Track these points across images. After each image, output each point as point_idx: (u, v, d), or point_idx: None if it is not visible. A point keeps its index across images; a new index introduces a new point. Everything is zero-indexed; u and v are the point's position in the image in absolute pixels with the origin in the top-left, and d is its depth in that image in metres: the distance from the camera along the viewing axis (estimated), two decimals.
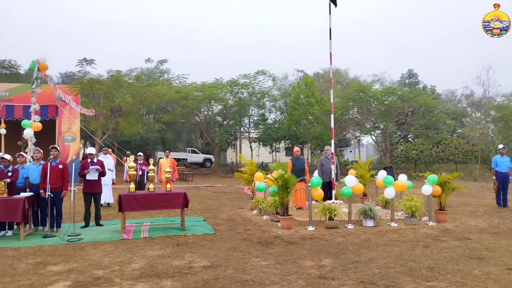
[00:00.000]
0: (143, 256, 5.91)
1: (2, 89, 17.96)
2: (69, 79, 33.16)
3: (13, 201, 6.96)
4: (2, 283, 4.68)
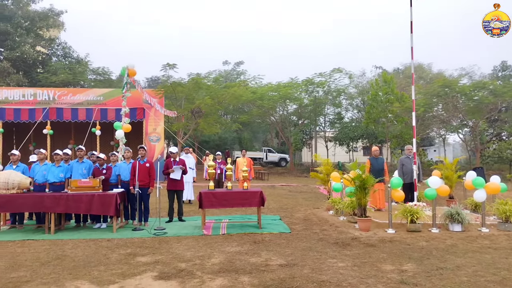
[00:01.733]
0: (222, 251, 6.13)
1: (97, 94, 19.75)
2: (154, 83, 35.43)
3: (107, 197, 7.64)
4: (98, 271, 5.16)
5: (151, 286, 4.61)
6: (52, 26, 30.44)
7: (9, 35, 26.58)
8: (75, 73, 28.09)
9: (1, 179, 7.62)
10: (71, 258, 5.79)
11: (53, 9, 30.42)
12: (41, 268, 5.29)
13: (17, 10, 27.88)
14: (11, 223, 8.27)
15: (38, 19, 28.87)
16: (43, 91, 19.54)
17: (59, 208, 7.56)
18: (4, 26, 25.89)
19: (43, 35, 30.11)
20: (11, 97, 18.98)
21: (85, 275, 5.00)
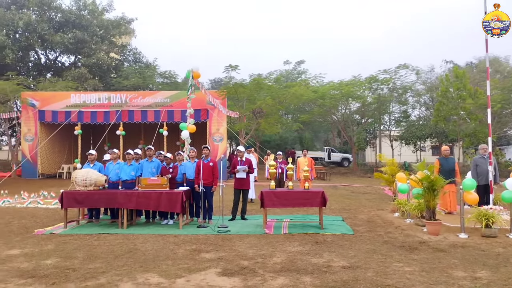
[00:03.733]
0: (284, 251, 6.15)
1: (164, 96, 20.72)
2: (217, 85, 36.37)
3: (174, 194, 7.99)
4: (166, 265, 5.43)
5: (215, 281, 4.75)
6: (124, 33, 32.42)
7: (86, 43, 28.73)
8: (144, 77, 29.68)
9: (80, 176, 8.28)
10: (142, 252, 6.14)
11: (124, 17, 32.40)
12: (115, 260, 5.67)
13: (92, 19, 30.06)
14: (89, 217, 8.95)
15: (111, 27, 30.90)
16: (116, 94, 20.89)
17: (130, 204, 8.05)
18: (81, 35, 28.04)
19: (116, 42, 32.17)
20: (88, 101, 20.51)
21: (154, 268, 5.28)
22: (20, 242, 6.86)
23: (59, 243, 6.77)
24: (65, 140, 22.54)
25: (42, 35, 27.10)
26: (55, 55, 31.54)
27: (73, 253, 6.11)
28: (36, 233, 7.61)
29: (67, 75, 26.72)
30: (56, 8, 29.05)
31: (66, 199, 8.18)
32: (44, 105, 20.48)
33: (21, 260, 5.72)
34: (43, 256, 5.94)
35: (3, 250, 6.28)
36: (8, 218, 9.34)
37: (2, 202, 11.82)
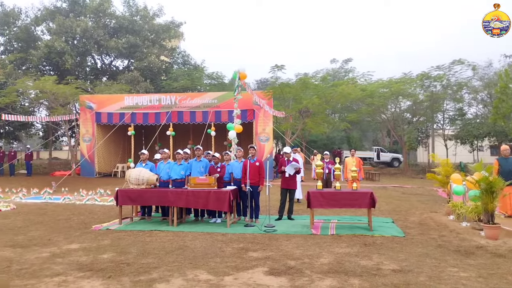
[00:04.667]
0: (331, 252, 6.08)
1: (211, 97, 21.13)
2: (263, 85, 36.54)
3: (221, 193, 8.14)
4: (214, 262, 5.54)
5: (262, 280, 4.79)
6: (173, 37, 33.44)
7: (138, 48, 29.95)
8: (192, 79, 30.43)
9: (133, 175, 8.65)
10: (191, 249, 6.31)
11: (174, 21, 33.42)
12: (166, 256, 5.87)
13: (144, 24, 31.30)
14: (141, 214, 9.34)
15: (161, 31, 32.00)
16: (166, 96, 21.59)
17: (180, 203, 8.30)
18: (134, 39, 29.27)
19: (165, 46, 33.26)
20: (140, 102, 21.36)
21: (203, 265, 5.42)
22: (79, 237, 7.29)
23: (114, 239, 7.12)
24: (120, 140, 23.62)
25: (98, 41, 28.61)
26: (110, 60, 33.17)
27: (127, 248, 6.40)
28: (93, 229, 8.05)
29: (121, 79, 28.03)
30: (110, 14, 30.55)
31: (121, 196, 8.58)
32: (101, 107, 21.60)
33: (80, 254, 6.08)
34: (100, 250, 6.27)
35: (63, 244, 6.71)
36: (68, 214, 9.95)
37: (62, 199, 12.61)
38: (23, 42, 29.71)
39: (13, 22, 29.99)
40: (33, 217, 9.59)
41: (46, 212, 10.37)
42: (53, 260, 5.70)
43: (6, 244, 6.73)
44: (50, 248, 6.45)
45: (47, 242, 6.89)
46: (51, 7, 30.43)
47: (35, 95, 24.36)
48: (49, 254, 6.06)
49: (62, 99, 22.43)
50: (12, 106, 23.11)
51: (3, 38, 30.86)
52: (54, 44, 26.77)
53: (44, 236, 7.34)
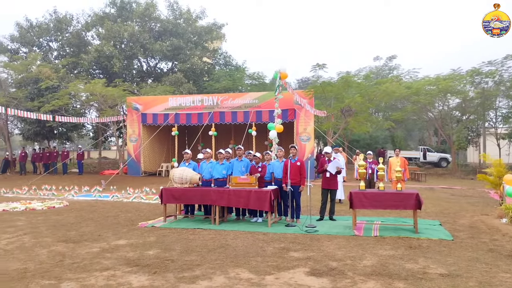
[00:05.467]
0: (374, 254, 5.94)
1: (252, 98, 21.27)
2: (304, 84, 36.29)
3: (262, 193, 8.17)
4: (255, 261, 5.58)
5: (303, 281, 4.77)
6: (215, 38, 33.99)
7: (182, 50, 30.71)
8: (234, 79, 30.78)
9: (177, 174, 8.88)
10: (233, 248, 6.39)
11: (216, 23, 33.97)
12: (208, 254, 5.99)
13: (187, 27, 32.04)
14: (185, 213, 9.57)
15: (204, 33, 32.62)
16: (208, 97, 21.98)
17: (222, 202, 8.43)
18: (177, 42, 30.06)
19: (208, 47, 33.87)
20: (184, 103, 21.89)
21: (244, 264, 5.47)
22: (126, 234, 7.59)
23: (159, 236, 7.35)
24: (164, 140, 24.34)
25: (144, 44, 29.62)
26: (155, 62, 34.25)
27: (172, 245, 6.59)
28: (139, 226, 8.35)
29: (165, 80, 28.87)
30: (155, 18, 31.54)
31: (165, 195, 8.84)
32: (146, 108, 22.35)
33: (127, 249, 6.34)
34: (146, 247, 6.50)
35: (112, 240, 7.01)
36: (116, 212, 10.38)
37: (111, 197, 13.18)
38: (75, 47, 31.35)
39: (65, 28, 31.73)
40: (84, 213, 10.10)
41: (96, 209, 10.89)
42: (103, 255, 5.97)
43: (59, 239, 7.14)
44: (100, 243, 6.77)
45: (97, 237, 7.23)
46: (100, 13, 31.88)
47: (86, 97, 25.62)
48: (99, 249, 6.36)
49: (110, 101, 23.43)
50: (65, 108, 24.43)
51: (57, 43, 32.74)
52: (103, 48, 28.04)
53: (94, 232, 7.71)
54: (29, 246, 6.61)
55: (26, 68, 25.50)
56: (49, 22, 31.60)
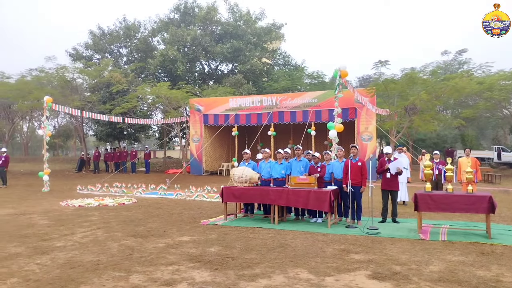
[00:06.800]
0: (442, 259, 5.64)
1: (312, 97, 21.07)
2: (366, 82, 35.25)
3: (322, 193, 8.08)
4: (315, 262, 5.54)
5: (364, 284, 4.65)
6: (274, 38, 34.15)
7: (241, 51, 31.25)
8: (293, 79, 30.72)
9: (237, 174, 9.06)
10: (292, 248, 6.39)
11: (275, 23, 34.13)
12: (268, 253, 6.05)
13: (247, 28, 32.54)
14: (245, 211, 9.73)
15: (263, 34, 32.93)
16: (267, 97, 22.14)
17: (281, 201, 8.46)
18: (237, 43, 30.64)
19: (267, 48, 34.14)
20: (243, 104, 22.25)
21: (304, 264, 5.45)
22: (189, 230, 7.89)
23: (220, 233, 7.54)
24: (224, 140, 24.90)
25: (205, 47, 30.55)
26: (216, 64, 35.16)
27: (232, 243, 6.73)
28: (202, 223, 8.63)
29: (225, 82, 29.55)
30: (216, 22, 32.39)
31: (226, 194, 9.06)
32: (208, 109, 23.03)
33: (190, 246, 6.58)
34: (207, 244, 6.71)
35: (176, 236, 7.32)
36: (180, 209, 10.81)
37: (175, 195, 13.75)
38: (142, 53, 33.14)
39: (134, 35, 33.66)
40: (151, 210, 10.64)
41: (161, 206, 11.42)
42: (168, 250, 6.26)
43: (129, 233, 7.59)
44: (165, 239, 7.09)
45: (163, 233, 7.59)
46: (165, 19, 33.41)
47: (152, 100, 26.95)
48: (164, 244, 6.68)
49: (174, 103, 24.44)
50: (133, 111, 25.87)
51: (126, 50, 34.82)
52: (168, 52, 29.34)
53: (160, 228, 8.10)
54: (102, 240, 7.10)
55: (99, 74, 27.39)
56: (119, 29, 33.74)
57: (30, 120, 37.63)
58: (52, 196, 13.92)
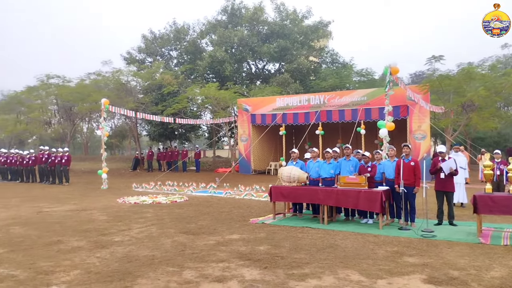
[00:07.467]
0: (505, 265, 5.31)
1: (361, 95, 20.57)
2: (418, 79, 33.88)
3: (372, 193, 7.88)
4: (366, 264, 5.42)
5: None
6: (322, 36, 33.73)
7: (288, 50, 31.16)
8: (341, 77, 30.18)
9: (285, 173, 9.05)
10: (342, 248, 6.30)
11: (322, 21, 33.71)
12: (317, 253, 6.00)
13: (293, 27, 32.40)
14: (293, 211, 9.70)
15: (310, 32, 32.63)
16: (315, 96, 21.92)
17: (330, 201, 8.35)
18: (284, 43, 30.60)
19: (314, 46, 33.79)
20: (291, 103, 22.18)
21: (354, 265, 5.35)
22: (239, 229, 8.00)
23: (269, 232, 7.59)
24: (272, 140, 24.97)
25: (252, 48, 30.80)
26: (263, 64, 35.33)
27: (281, 242, 6.75)
28: (251, 222, 8.73)
29: (272, 81, 29.61)
30: (263, 21, 32.53)
31: (274, 193, 9.09)
32: (255, 109, 23.20)
33: (239, 244, 6.68)
34: (257, 242, 6.77)
35: (226, 234, 7.45)
36: (230, 207, 10.99)
37: (225, 193, 13.99)
38: (191, 55, 34.01)
39: (183, 38, 34.62)
40: (202, 208, 10.91)
41: (211, 204, 11.68)
42: (218, 248, 6.39)
43: (181, 230, 7.83)
44: (215, 236, 7.25)
45: (213, 231, 7.76)
46: (213, 21, 34.05)
47: (201, 100, 27.60)
48: (214, 242, 6.83)
49: (223, 103, 24.86)
50: (184, 111, 26.63)
51: (176, 52, 35.90)
52: (216, 54, 29.89)
53: (210, 226, 8.28)
54: (156, 235, 7.38)
55: (151, 76, 28.46)
56: (169, 32, 34.86)
57: (89, 121, 39.81)
58: (110, 193, 14.68)
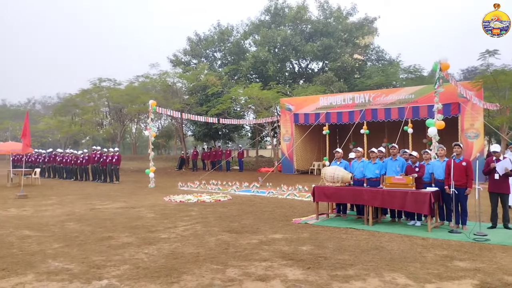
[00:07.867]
0: None
1: (408, 92, 19.86)
2: (471, 74, 32.23)
3: (420, 194, 7.61)
4: (414, 267, 5.25)
5: None
6: (367, 33, 32.95)
7: (332, 49, 30.73)
8: (387, 75, 29.30)
9: (328, 173, 8.95)
10: (388, 251, 6.14)
11: (367, 18, 32.94)
12: (361, 255, 5.88)
13: (337, 25, 31.90)
14: (337, 212, 9.57)
15: (354, 30, 31.98)
16: (360, 94, 21.44)
17: (375, 202, 8.15)
18: (328, 41, 30.20)
19: (359, 43, 33.07)
20: (334, 102, 21.84)
21: (401, 268, 5.20)
22: (282, 228, 8.01)
23: (312, 233, 7.54)
24: (315, 139, 24.73)
25: (296, 47, 30.65)
26: (306, 63, 35.08)
27: (324, 243, 6.68)
28: (293, 222, 8.71)
29: (316, 80, 29.30)
30: (306, 20, 32.30)
31: (317, 193, 9.00)
32: (298, 108, 23.08)
33: (282, 243, 6.68)
34: (299, 242, 6.75)
35: (269, 234, 7.49)
36: (272, 207, 11.02)
37: (267, 193, 14.05)
38: (235, 55, 34.42)
39: (227, 39, 35.11)
40: (245, 207, 11.02)
41: (254, 203, 11.77)
42: (261, 247, 6.44)
43: (224, 229, 7.96)
44: (258, 235, 7.30)
45: (256, 230, 7.82)
46: (256, 21, 34.26)
47: (244, 101, 27.86)
48: (257, 241, 6.88)
49: (265, 103, 24.96)
50: (227, 112, 27.02)
51: (220, 53, 36.49)
52: (259, 54, 30.06)
53: (253, 225, 8.36)
54: (200, 233, 7.55)
55: (196, 78, 29.12)
56: (213, 34, 35.50)
57: (138, 122, 41.44)
58: (157, 192, 15.19)
